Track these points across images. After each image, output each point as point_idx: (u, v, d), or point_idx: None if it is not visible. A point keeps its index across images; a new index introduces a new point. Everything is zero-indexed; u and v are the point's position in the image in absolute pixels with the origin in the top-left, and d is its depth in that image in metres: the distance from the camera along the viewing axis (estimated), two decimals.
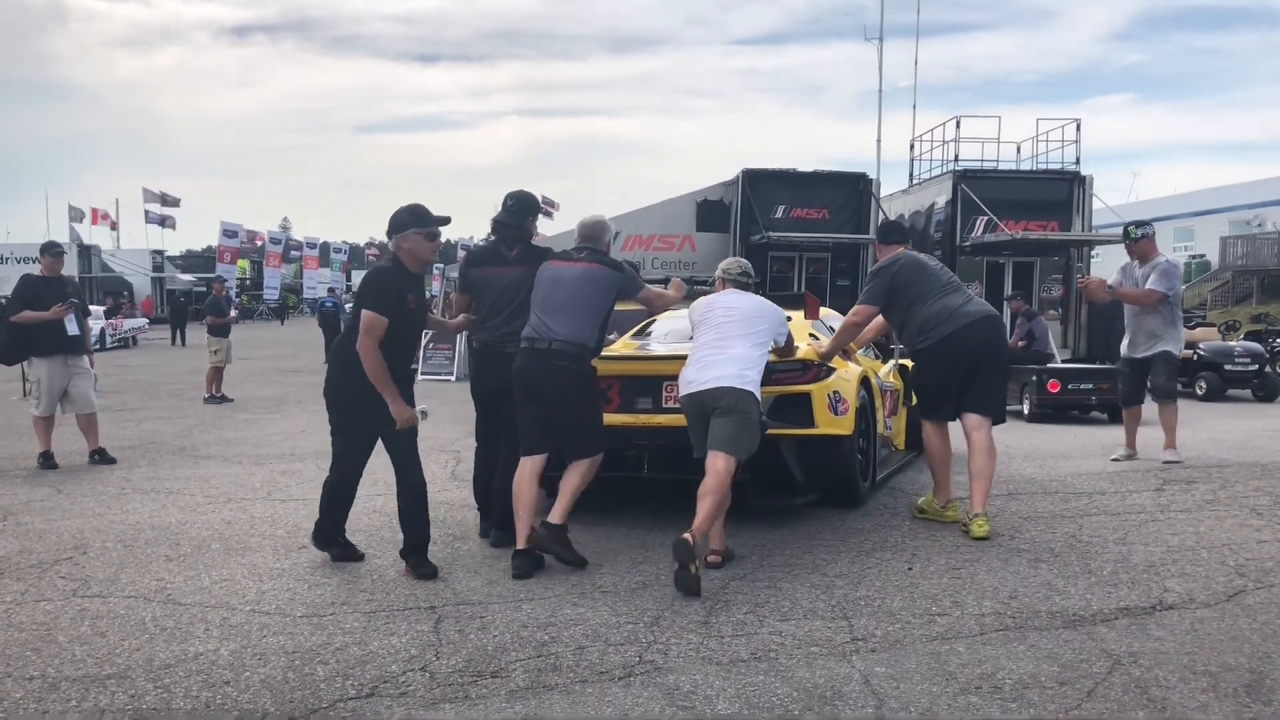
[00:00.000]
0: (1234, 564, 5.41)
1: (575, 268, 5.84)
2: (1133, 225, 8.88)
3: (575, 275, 5.80)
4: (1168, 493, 7.28)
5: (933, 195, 23.03)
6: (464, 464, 9.25)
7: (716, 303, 5.94)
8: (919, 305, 6.61)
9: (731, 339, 5.66)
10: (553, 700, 3.73)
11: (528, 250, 6.13)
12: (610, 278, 5.84)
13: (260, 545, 6.15)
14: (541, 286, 5.82)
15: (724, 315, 5.80)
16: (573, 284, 5.77)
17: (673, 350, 6.79)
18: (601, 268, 5.84)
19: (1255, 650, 4.16)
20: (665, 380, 6.45)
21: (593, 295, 5.75)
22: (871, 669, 3.99)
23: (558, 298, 5.72)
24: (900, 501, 7.14)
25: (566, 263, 5.90)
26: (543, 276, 5.86)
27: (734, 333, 5.69)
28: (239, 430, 12.23)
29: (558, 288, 5.76)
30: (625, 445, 6.44)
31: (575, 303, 5.71)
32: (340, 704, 3.73)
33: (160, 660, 4.14)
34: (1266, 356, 17.40)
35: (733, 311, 5.81)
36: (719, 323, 5.77)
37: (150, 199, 56.13)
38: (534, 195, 6.42)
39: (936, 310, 6.56)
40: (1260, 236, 43.17)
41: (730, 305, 5.88)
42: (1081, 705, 3.62)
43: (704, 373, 5.56)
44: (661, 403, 6.48)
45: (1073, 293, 21.88)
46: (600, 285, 5.79)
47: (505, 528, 5.86)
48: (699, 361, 5.66)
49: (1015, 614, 4.65)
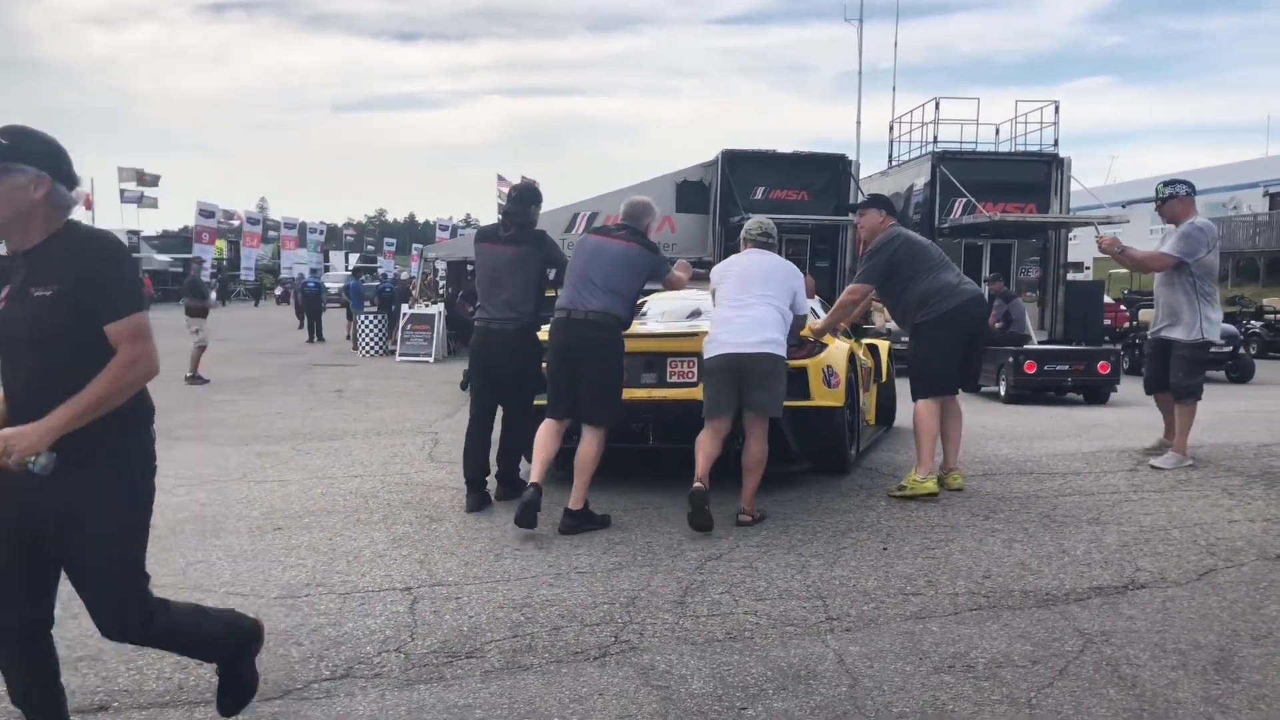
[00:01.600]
0: (1205, 543, 5.46)
1: (615, 244, 6.23)
2: (1162, 184, 7.76)
3: (614, 252, 6.18)
4: (1141, 473, 7.33)
5: (911, 177, 23.04)
6: (441, 445, 9.24)
7: (736, 263, 6.35)
8: (917, 281, 6.86)
9: (752, 299, 6.03)
10: (528, 680, 3.74)
11: (521, 232, 6.59)
12: (645, 259, 6.23)
13: (235, 527, 6.11)
14: (581, 256, 6.22)
15: (744, 275, 6.18)
16: (610, 261, 6.14)
17: (671, 329, 7.27)
18: (639, 249, 6.23)
19: (1224, 628, 4.20)
20: (670, 356, 6.80)
21: (627, 274, 6.13)
22: (846, 648, 4.01)
23: (595, 272, 6.09)
24: (876, 482, 7.16)
25: (607, 238, 6.34)
26: (584, 246, 6.31)
27: (755, 292, 6.06)
28: (215, 411, 12.16)
29: (595, 262, 6.13)
30: (632, 418, 6.74)
31: (611, 280, 6.07)
32: (314, 685, 3.72)
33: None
34: (1241, 338, 17.56)
35: (752, 271, 6.20)
36: (739, 282, 6.15)
37: (126, 177, 55.53)
38: (536, 186, 7.11)
39: (938, 286, 6.83)
40: (1236, 219, 43.50)
41: (750, 265, 6.28)
42: (1053, 683, 3.65)
43: (739, 335, 5.92)
44: (666, 378, 6.80)
45: (1050, 275, 21.97)
46: (635, 266, 6.18)
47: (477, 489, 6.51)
48: (726, 321, 6.04)
49: (989, 593, 4.68)
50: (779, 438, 6.77)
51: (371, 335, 22.19)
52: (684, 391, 6.62)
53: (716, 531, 5.79)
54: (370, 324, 22.47)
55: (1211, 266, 7.44)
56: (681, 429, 6.52)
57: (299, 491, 7.14)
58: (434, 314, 21.13)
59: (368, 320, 22.65)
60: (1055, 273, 21.87)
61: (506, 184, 44.00)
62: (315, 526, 6.08)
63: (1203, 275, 7.40)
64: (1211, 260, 7.41)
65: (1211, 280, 7.47)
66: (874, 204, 7.42)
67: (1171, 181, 7.75)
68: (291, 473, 7.90)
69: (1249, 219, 42.53)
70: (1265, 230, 40.25)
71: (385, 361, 20.46)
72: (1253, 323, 23.05)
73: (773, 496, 6.68)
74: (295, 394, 14.30)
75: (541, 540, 5.66)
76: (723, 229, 21.40)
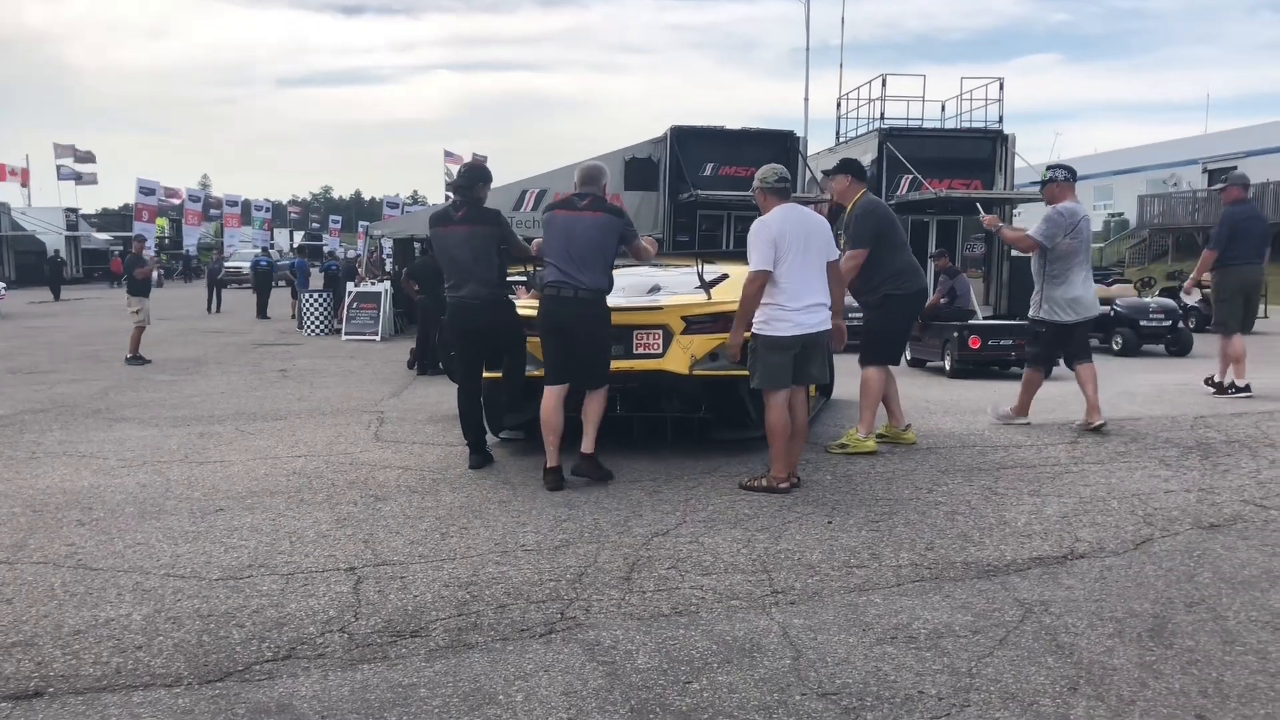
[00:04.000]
0: (1142, 513, 5.57)
1: (584, 218, 6.45)
2: (1045, 167, 8.26)
3: (586, 225, 6.42)
4: (1082, 445, 7.46)
5: (859, 153, 23.13)
6: (387, 425, 9.17)
7: (786, 223, 6.15)
8: (891, 253, 7.19)
9: (814, 271, 6.15)
10: (473, 659, 3.72)
11: (472, 211, 6.79)
12: (614, 224, 6.51)
13: (176, 508, 6.02)
14: (556, 235, 6.46)
15: (799, 238, 6.11)
16: (585, 234, 6.39)
17: (635, 303, 7.37)
18: (606, 215, 6.51)
19: (1159, 596, 4.29)
20: (635, 329, 7.04)
21: (603, 241, 6.43)
22: (790, 621, 4.04)
23: (575, 249, 6.36)
24: (821, 457, 7.22)
25: (574, 212, 6.50)
26: (554, 224, 6.50)
27: (815, 261, 6.16)
28: (156, 392, 11.95)
29: (572, 239, 6.38)
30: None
31: (591, 253, 6.37)
32: (256, 666, 3.67)
33: (69, 626, 4.05)
34: (1180, 312, 17.86)
35: (803, 236, 6.13)
36: (798, 247, 6.09)
37: (63, 154, 54.32)
38: (485, 165, 7.45)
39: (908, 264, 7.30)
40: (1175, 195, 44.29)
41: (800, 227, 6.14)
42: (994, 653, 3.71)
43: (814, 315, 6.11)
44: (632, 349, 7.05)
45: (994, 250, 22.22)
46: (608, 231, 6.46)
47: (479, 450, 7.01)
48: (800, 297, 6.07)
49: (931, 565, 4.73)
50: (739, 406, 7.13)
51: (317, 314, 21.90)
52: (649, 363, 6.98)
53: (663, 507, 5.80)
54: (315, 302, 22.17)
55: (1070, 250, 7.75)
56: (646, 398, 7.18)
57: (242, 472, 7.04)
58: (380, 292, 20.91)
59: (313, 299, 22.36)
60: (1000, 249, 22.13)
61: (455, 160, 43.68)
62: (258, 507, 6.00)
63: (1054, 258, 7.77)
64: (1070, 244, 7.71)
65: (1066, 263, 7.79)
66: (844, 169, 7.55)
67: (1053, 166, 8.18)
68: (234, 453, 7.80)
69: (1188, 195, 43.28)
70: (1204, 206, 40.94)
71: (331, 340, 20.24)
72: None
73: (720, 471, 6.71)
74: (239, 374, 14.10)
75: (488, 518, 5.64)
76: (672, 206, 21.38)
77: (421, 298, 14.27)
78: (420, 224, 21.34)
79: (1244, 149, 46.35)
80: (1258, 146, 45.57)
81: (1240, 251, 10.02)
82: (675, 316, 7.04)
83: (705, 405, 7.25)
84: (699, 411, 7.26)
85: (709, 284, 7.43)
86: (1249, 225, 10.08)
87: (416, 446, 7.99)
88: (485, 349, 6.94)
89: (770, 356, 6.13)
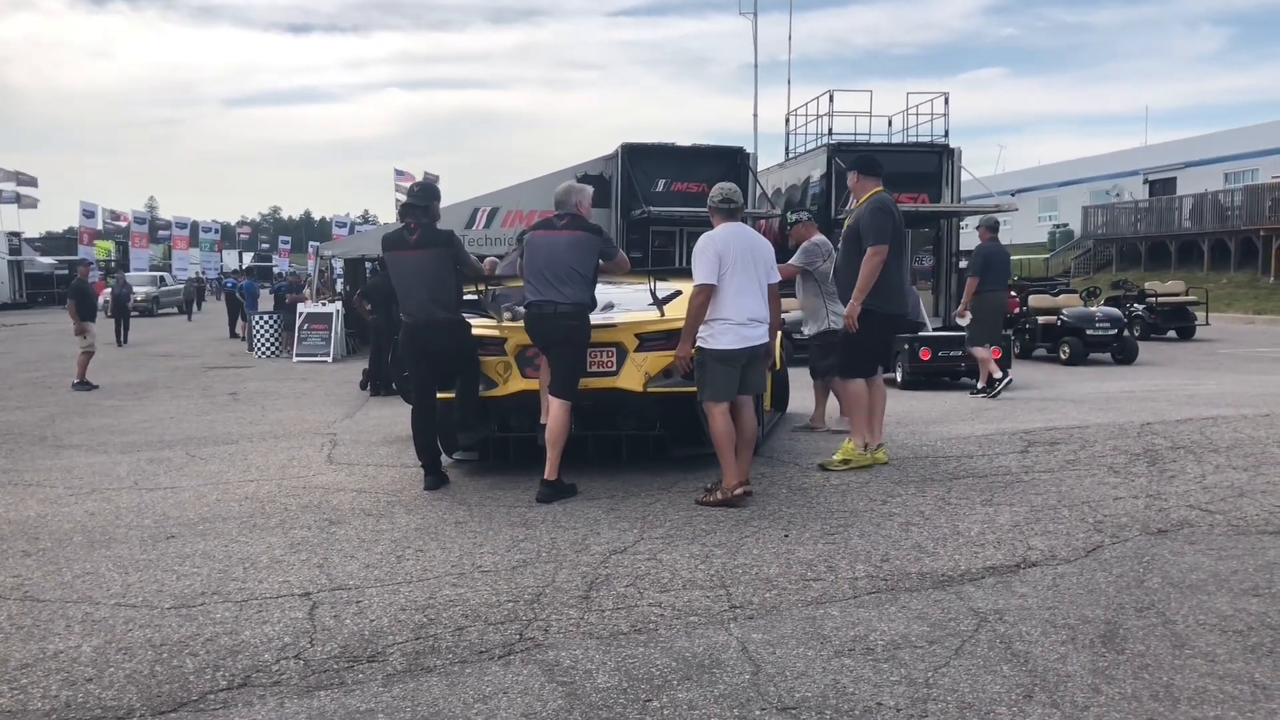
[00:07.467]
0: (1093, 521, 5.65)
1: (563, 236, 6.64)
2: (788, 214, 9.73)
3: (565, 244, 6.61)
4: (1032, 454, 7.55)
5: (808, 168, 23.36)
6: (340, 447, 9.09)
7: (730, 239, 6.29)
8: (890, 260, 7.16)
9: (755, 288, 6.26)
10: (431, 682, 3.70)
11: (426, 234, 6.81)
12: (593, 242, 6.70)
13: (126, 536, 5.92)
14: (537, 255, 6.61)
15: (743, 255, 6.24)
16: (564, 252, 6.58)
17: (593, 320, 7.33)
18: (585, 234, 6.68)
19: (1110, 602, 4.35)
20: (590, 347, 6.94)
21: (584, 259, 6.61)
22: (749, 635, 4.05)
23: (555, 268, 6.54)
24: (778, 471, 7.25)
25: (553, 232, 6.67)
26: (535, 244, 6.66)
27: (757, 279, 6.28)
28: (104, 418, 11.77)
29: (553, 257, 6.57)
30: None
31: (571, 272, 6.55)
32: (210, 695, 3.62)
33: (16, 660, 3.97)
34: (1125, 321, 18.17)
35: (747, 254, 6.27)
36: (741, 264, 6.21)
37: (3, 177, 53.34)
38: (435, 184, 7.75)
39: (899, 283, 7.43)
40: (1119, 206, 45.08)
41: (744, 245, 6.29)
42: (950, 663, 3.74)
43: (754, 330, 6.23)
44: (587, 367, 6.98)
45: (943, 263, 22.48)
46: (588, 249, 6.65)
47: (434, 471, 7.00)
48: (741, 311, 6.18)
49: (887, 576, 4.77)
50: (694, 422, 7.04)
51: (267, 336, 21.67)
52: (604, 380, 6.99)
53: (620, 525, 5.80)
54: (266, 324, 21.93)
55: (829, 273, 8.62)
56: (601, 416, 7.23)
57: (192, 498, 6.95)
58: (331, 313, 20.74)
59: (263, 320, 22.12)
60: (948, 261, 22.40)
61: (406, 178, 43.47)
62: (210, 534, 5.92)
63: (823, 279, 8.73)
64: (828, 268, 8.64)
65: (832, 283, 8.49)
66: (854, 164, 7.76)
67: (796, 211, 10.27)
68: (185, 479, 7.69)
69: (1130, 205, 44.09)
70: (1146, 216, 41.76)
71: (282, 362, 20.03)
72: (1135, 306, 23.87)
73: (676, 488, 6.72)
74: (188, 398, 13.92)
75: (444, 540, 5.61)
76: (624, 222, 21.41)
77: (374, 318, 14.18)
78: (371, 244, 21.22)
79: (1183, 160, 47.43)
80: (1197, 158, 46.64)
81: (994, 280, 12.30)
82: (629, 334, 7.06)
83: (660, 422, 7.27)
84: (654, 428, 7.28)
85: (662, 301, 7.44)
86: (999, 259, 12.42)
87: (370, 468, 7.92)
88: (440, 369, 6.94)
89: (717, 369, 6.18)
